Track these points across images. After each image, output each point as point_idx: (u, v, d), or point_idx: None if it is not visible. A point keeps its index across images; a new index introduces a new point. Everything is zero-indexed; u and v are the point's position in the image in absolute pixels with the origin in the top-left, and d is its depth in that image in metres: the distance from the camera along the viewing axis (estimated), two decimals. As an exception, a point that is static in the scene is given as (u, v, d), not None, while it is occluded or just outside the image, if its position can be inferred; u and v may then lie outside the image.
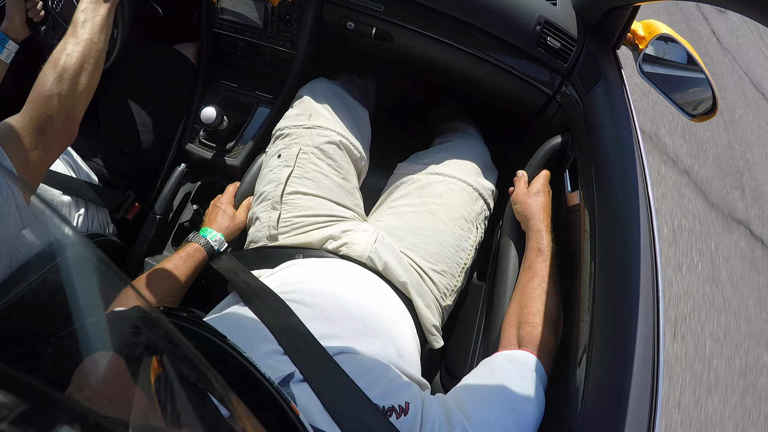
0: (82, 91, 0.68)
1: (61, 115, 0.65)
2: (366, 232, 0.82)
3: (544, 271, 0.73)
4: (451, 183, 0.91)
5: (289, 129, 0.92)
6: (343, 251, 0.79)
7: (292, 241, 0.82)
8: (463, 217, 0.88)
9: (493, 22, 0.88)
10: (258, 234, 0.85)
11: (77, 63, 0.67)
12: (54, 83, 0.64)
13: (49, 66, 0.66)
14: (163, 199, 1.04)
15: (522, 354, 0.64)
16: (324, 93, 0.97)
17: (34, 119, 0.62)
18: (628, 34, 0.85)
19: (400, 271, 0.78)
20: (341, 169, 0.89)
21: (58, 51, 0.68)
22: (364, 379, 0.51)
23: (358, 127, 0.98)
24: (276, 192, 0.85)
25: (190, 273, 0.79)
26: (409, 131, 1.42)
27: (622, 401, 0.51)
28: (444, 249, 0.84)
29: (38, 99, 0.63)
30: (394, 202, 0.93)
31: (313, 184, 0.85)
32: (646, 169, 0.72)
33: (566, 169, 0.86)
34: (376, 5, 0.93)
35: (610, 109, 0.79)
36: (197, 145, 1.08)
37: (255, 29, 1.03)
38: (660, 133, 2.39)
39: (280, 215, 0.83)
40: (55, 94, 0.64)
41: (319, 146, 0.88)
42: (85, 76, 0.68)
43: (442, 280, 0.83)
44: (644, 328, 0.56)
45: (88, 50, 0.69)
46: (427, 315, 0.79)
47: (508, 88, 0.98)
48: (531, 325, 0.67)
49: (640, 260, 0.62)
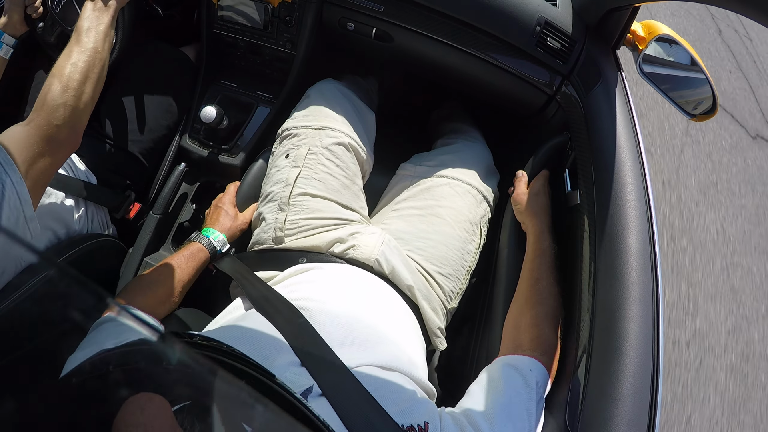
0: (87, 101, 0.69)
1: (68, 124, 0.65)
2: (373, 234, 0.81)
3: (546, 273, 0.72)
4: (456, 186, 0.90)
5: (298, 129, 0.90)
6: (350, 254, 0.78)
7: (299, 243, 0.80)
8: (468, 220, 0.88)
9: (493, 23, 0.88)
10: (264, 235, 0.83)
11: (83, 73, 0.67)
12: (60, 93, 0.65)
13: (55, 75, 0.66)
14: (163, 199, 1.04)
15: (528, 362, 0.62)
16: (332, 94, 0.97)
17: (41, 128, 0.62)
18: (628, 35, 0.85)
19: (406, 275, 0.77)
20: (349, 171, 0.88)
21: (63, 60, 0.68)
22: (383, 395, 0.50)
23: (365, 128, 0.97)
24: (284, 193, 0.83)
25: (193, 273, 0.78)
26: (410, 131, 1.42)
27: (622, 402, 0.51)
28: (450, 252, 0.84)
29: (45, 108, 0.64)
30: (398, 205, 0.92)
31: (321, 185, 0.84)
32: (646, 169, 0.72)
33: (566, 168, 0.86)
34: (376, 6, 0.93)
35: (609, 109, 0.79)
36: (197, 145, 1.08)
37: (255, 30, 1.03)
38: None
39: (287, 217, 0.81)
40: (60, 104, 0.64)
41: (328, 147, 0.87)
42: (90, 86, 0.69)
43: (448, 283, 0.83)
44: (644, 329, 0.56)
45: (93, 59, 0.69)
46: (433, 318, 0.78)
47: (508, 88, 0.98)
48: (535, 328, 0.66)
49: (639, 262, 0.61)
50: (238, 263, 0.78)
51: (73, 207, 0.86)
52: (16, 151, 0.58)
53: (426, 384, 0.63)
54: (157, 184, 1.08)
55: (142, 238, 1.01)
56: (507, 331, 0.71)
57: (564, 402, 0.57)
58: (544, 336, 0.65)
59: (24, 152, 0.59)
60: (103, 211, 0.96)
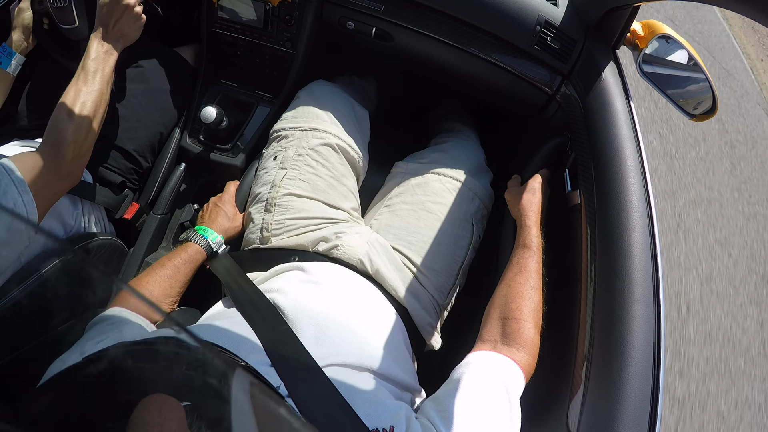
0: (92, 139, 0.76)
1: (75, 160, 0.72)
2: (358, 234, 0.81)
3: (531, 267, 0.72)
4: (447, 182, 0.91)
5: (286, 131, 0.92)
6: (334, 254, 0.78)
7: (284, 243, 0.81)
8: (459, 215, 0.88)
9: (493, 23, 0.88)
10: (252, 236, 0.85)
11: (91, 113, 0.74)
12: (71, 132, 0.71)
13: (65, 113, 0.72)
14: (164, 199, 1.04)
15: (505, 363, 0.60)
16: (322, 94, 0.97)
17: (52, 161, 0.69)
18: (628, 34, 0.85)
19: (392, 275, 0.77)
20: (336, 171, 0.89)
21: (72, 98, 0.74)
22: (353, 396, 0.50)
23: (356, 128, 0.97)
24: (270, 194, 0.85)
25: (191, 274, 0.79)
26: (410, 131, 1.42)
27: (624, 402, 0.51)
28: (440, 247, 0.84)
29: (57, 144, 0.70)
30: (390, 201, 0.93)
31: (307, 186, 0.85)
32: (647, 169, 0.72)
33: (566, 168, 0.86)
34: (376, 5, 0.93)
35: (610, 109, 0.79)
36: (197, 145, 1.08)
37: (255, 29, 1.03)
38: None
39: (273, 217, 0.83)
40: (71, 141, 0.71)
41: (315, 148, 0.88)
42: (96, 124, 0.76)
43: (439, 278, 0.82)
44: (645, 330, 0.56)
45: (99, 100, 0.76)
46: (422, 315, 0.78)
47: (508, 87, 0.98)
48: (516, 321, 0.65)
49: (640, 262, 0.62)
50: (233, 263, 0.79)
51: (70, 205, 0.86)
52: (28, 177, 0.65)
53: (408, 384, 0.62)
54: (157, 185, 1.08)
55: (142, 238, 1.01)
56: (488, 322, 0.69)
57: (565, 402, 0.58)
58: (523, 330, 0.64)
59: (36, 179, 0.65)
60: (99, 210, 0.96)
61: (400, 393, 0.61)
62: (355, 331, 0.63)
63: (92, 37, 0.80)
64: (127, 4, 0.80)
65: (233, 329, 0.57)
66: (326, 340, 0.59)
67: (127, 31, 0.83)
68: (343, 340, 0.60)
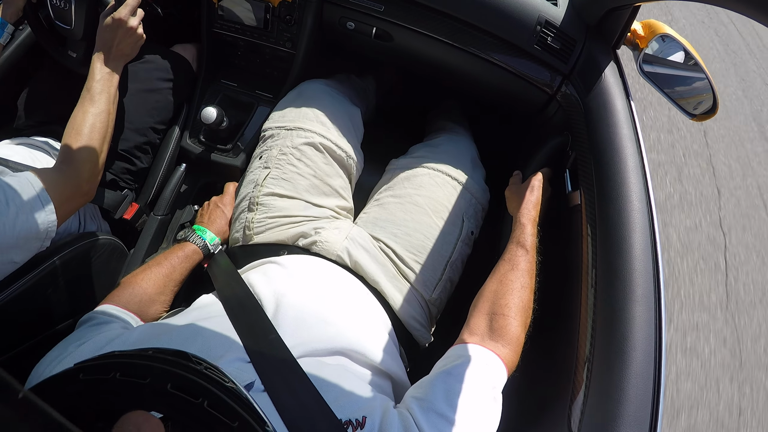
0: (104, 157, 0.79)
1: (90, 178, 0.75)
2: (337, 230, 0.82)
3: (523, 265, 0.71)
4: (436, 176, 0.91)
5: (272, 130, 0.93)
6: (314, 249, 0.79)
7: (264, 239, 0.82)
8: (448, 210, 0.87)
9: (494, 23, 0.88)
10: (236, 234, 0.87)
11: (101, 134, 0.78)
12: (85, 153, 0.75)
13: (76, 134, 0.75)
14: (164, 200, 1.04)
15: (490, 357, 0.60)
16: (312, 93, 0.98)
17: (70, 179, 0.72)
18: (628, 34, 0.85)
19: (372, 267, 0.78)
20: (319, 170, 0.89)
21: (81, 119, 0.76)
22: (327, 388, 0.51)
23: (346, 126, 0.97)
24: (254, 193, 0.86)
25: (186, 274, 0.80)
26: (409, 131, 1.42)
27: (625, 403, 0.51)
28: (426, 241, 0.84)
29: (73, 164, 0.73)
30: (379, 195, 0.94)
31: (289, 185, 0.86)
32: (647, 169, 0.72)
33: (567, 168, 0.86)
34: (376, 5, 0.93)
35: (610, 109, 0.79)
36: (197, 145, 1.08)
37: (255, 29, 1.03)
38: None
39: (255, 216, 0.84)
40: (87, 160, 0.74)
41: (298, 147, 0.88)
42: (106, 144, 0.80)
43: (424, 272, 0.82)
44: (646, 331, 0.56)
45: (107, 120, 0.79)
46: (405, 308, 0.78)
47: (509, 87, 0.98)
48: (504, 318, 0.64)
49: (641, 262, 0.62)
50: (229, 264, 0.79)
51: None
52: (51, 192, 0.68)
53: (391, 370, 0.63)
54: (157, 185, 1.07)
55: (143, 239, 1.01)
56: (475, 315, 0.68)
57: (567, 403, 0.58)
58: (510, 327, 0.63)
59: (55, 196, 0.68)
60: (94, 208, 0.96)
61: (380, 382, 0.62)
62: (332, 320, 0.63)
63: (95, 59, 0.81)
64: (129, 27, 0.82)
65: (210, 329, 0.57)
66: (304, 328, 0.60)
67: (128, 51, 0.85)
68: (320, 329, 0.61)
